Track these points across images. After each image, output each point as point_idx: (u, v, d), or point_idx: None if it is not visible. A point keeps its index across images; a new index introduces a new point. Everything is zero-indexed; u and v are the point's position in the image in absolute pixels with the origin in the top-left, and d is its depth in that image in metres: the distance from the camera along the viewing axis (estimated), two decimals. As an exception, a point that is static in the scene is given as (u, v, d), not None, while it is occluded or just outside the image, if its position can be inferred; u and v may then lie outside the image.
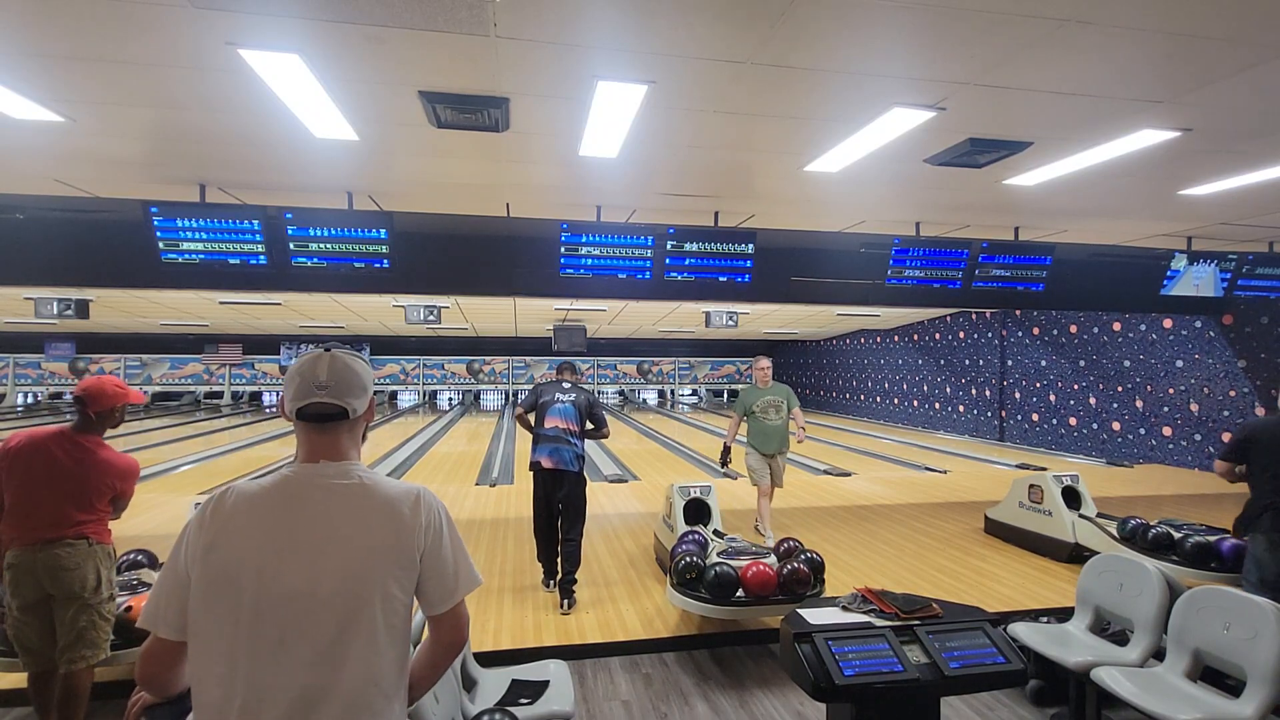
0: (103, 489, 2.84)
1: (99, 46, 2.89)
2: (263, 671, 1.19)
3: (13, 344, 21.07)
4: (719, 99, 3.46)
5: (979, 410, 14.16)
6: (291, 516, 1.27)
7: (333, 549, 1.25)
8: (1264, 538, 3.33)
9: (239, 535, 1.24)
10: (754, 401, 5.82)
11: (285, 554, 1.23)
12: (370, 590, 1.25)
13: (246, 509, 1.27)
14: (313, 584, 1.22)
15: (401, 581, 1.29)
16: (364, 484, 1.33)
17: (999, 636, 2.28)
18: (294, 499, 1.29)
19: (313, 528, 1.26)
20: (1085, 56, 3.00)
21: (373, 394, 1.45)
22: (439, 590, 1.35)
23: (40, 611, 2.76)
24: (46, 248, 5.30)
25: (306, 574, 1.23)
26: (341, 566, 1.24)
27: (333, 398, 1.34)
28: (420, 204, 5.54)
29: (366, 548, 1.27)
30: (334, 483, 1.31)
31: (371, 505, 1.31)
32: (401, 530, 1.31)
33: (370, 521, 1.29)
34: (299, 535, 1.25)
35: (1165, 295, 6.93)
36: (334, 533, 1.27)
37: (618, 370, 25.47)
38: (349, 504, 1.30)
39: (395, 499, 1.33)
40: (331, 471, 1.33)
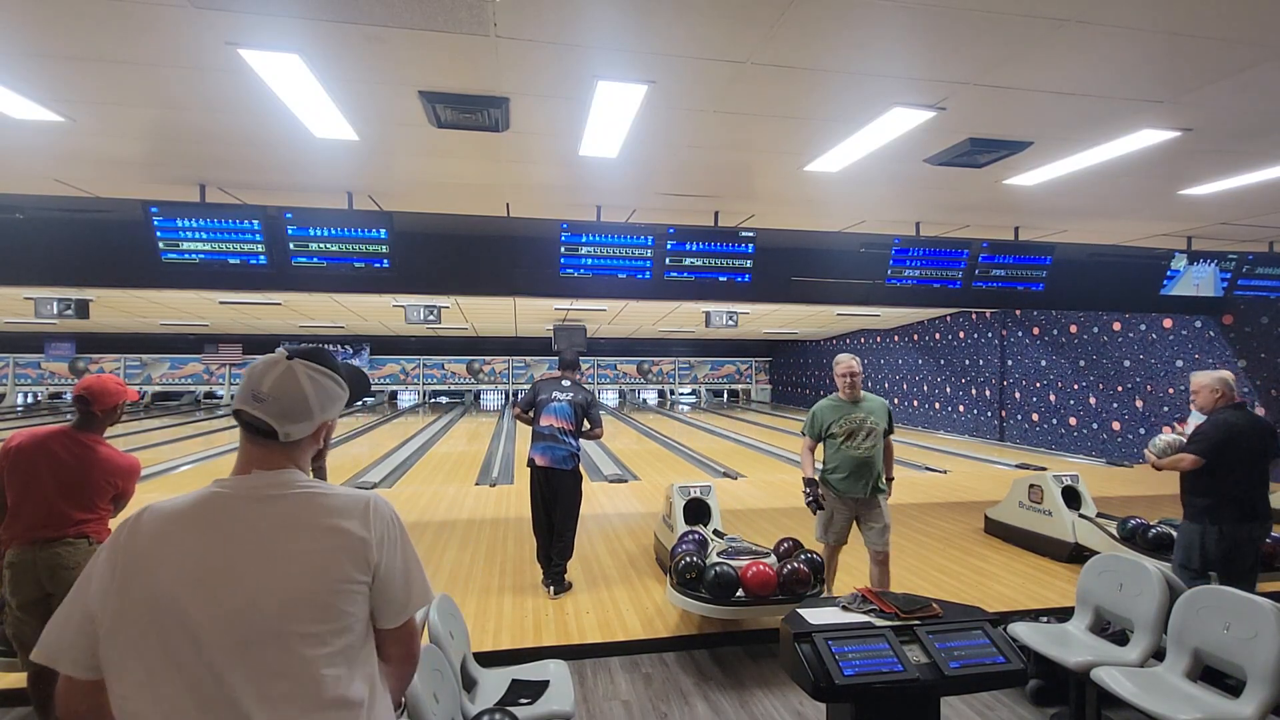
0: (104, 488, 2.84)
1: (99, 46, 2.89)
2: (214, 712, 1.05)
3: (13, 344, 21.07)
4: (719, 99, 3.46)
5: (979, 410, 14.16)
6: (221, 536, 1.11)
7: (274, 568, 1.11)
8: (1218, 528, 3.47)
9: (160, 563, 1.09)
10: (834, 421, 4.03)
11: (218, 580, 1.09)
12: (320, 611, 1.12)
13: (166, 532, 1.11)
14: (253, 609, 1.08)
15: (355, 599, 1.16)
16: (304, 494, 1.18)
17: (999, 636, 2.28)
18: (223, 516, 1.13)
19: (246, 547, 1.11)
20: (1085, 56, 3.00)
21: (327, 419, 1.26)
22: (390, 605, 1.22)
23: (40, 610, 2.75)
24: (46, 248, 5.30)
25: (246, 598, 1.08)
26: (284, 587, 1.10)
27: (266, 415, 1.18)
28: (420, 204, 5.54)
29: (312, 565, 1.13)
30: (268, 494, 1.17)
31: (313, 517, 1.17)
32: (350, 543, 1.16)
33: (314, 535, 1.15)
34: (232, 557, 1.10)
35: (1165, 295, 6.93)
36: (273, 550, 1.12)
37: (618, 370, 25.47)
38: (288, 518, 1.15)
39: (342, 509, 1.19)
40: (265, 483, 1.18)
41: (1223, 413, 3.60)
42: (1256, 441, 3.54)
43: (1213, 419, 3.62)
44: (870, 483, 3.99)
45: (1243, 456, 3.50)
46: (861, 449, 3.97)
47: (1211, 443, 3.52)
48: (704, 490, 5.11)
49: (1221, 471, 3.50)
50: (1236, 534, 3.47)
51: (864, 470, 3.98)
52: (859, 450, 3.97)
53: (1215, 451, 3.50)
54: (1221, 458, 3.50)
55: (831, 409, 4.10)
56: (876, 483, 4.01)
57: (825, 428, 4.09)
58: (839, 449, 4.02)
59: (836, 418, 4.05)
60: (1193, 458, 3.52)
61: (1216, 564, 3.49)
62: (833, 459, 4.08)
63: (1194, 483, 3.61)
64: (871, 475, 3.99)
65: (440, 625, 2.49)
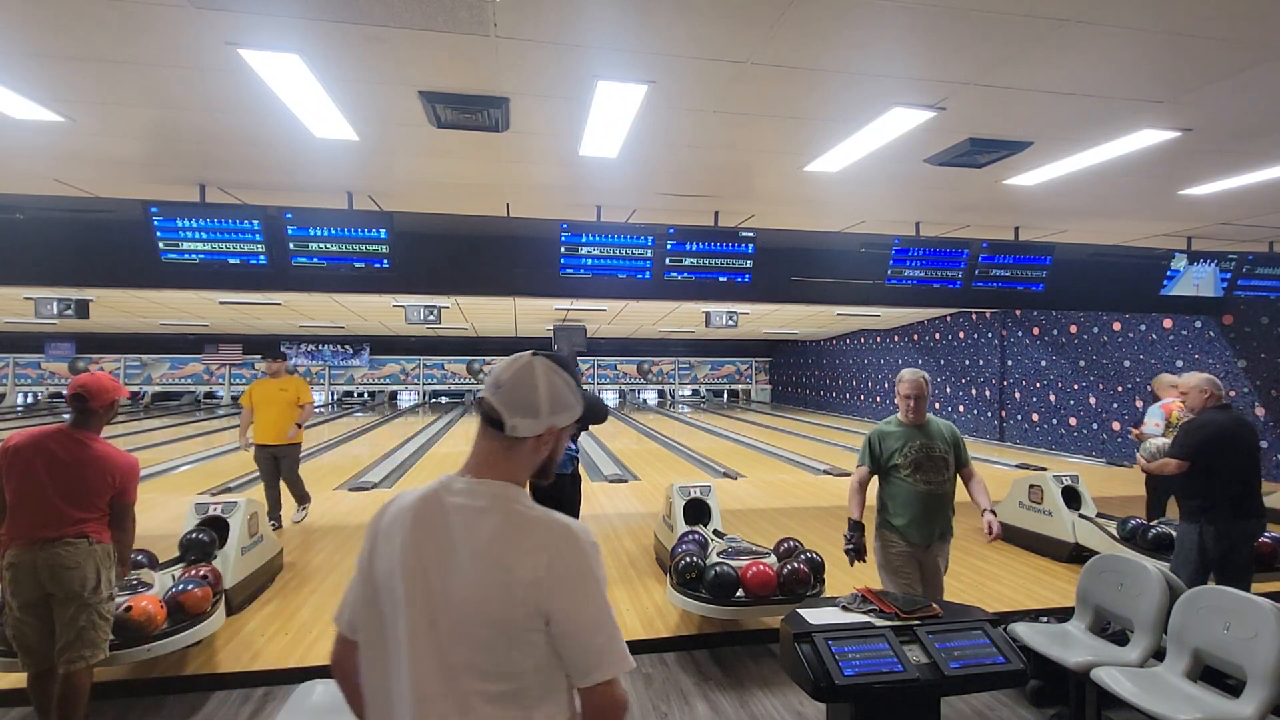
0: (102, 486, 2.83)
1: (99, 46, 2.89)
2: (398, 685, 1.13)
3: (13, 344, 21.07)
4: (719, 99, 3.46)
5: (979, 410, 14.16)
6: (431, 537, 1.17)
7: (450, 584, 1.14)
8: (1214, 528, 3.49)
9: (388, 549, 1.19)
10: (897, 450, 3.27)
11: (422, 574, 1.15)
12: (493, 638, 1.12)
13: (395, 522, 1.21)
14: (434, 614, 1.13)
15: (517, 638, 1.13)
16: (488, 510, 1.18)
17: (999, 636, 2.28)
18: (437, 518, 1.18)
19: (439, 548, 1.16)
20: (1085, 56, 3.00)
21: (554, 424, 1.24)
22: (574, 659, 1.15)
23: (40, 611, 2.75)
24: (46, 248, 5.30)
25: (440, 597, 1.14)
26: (455, 603, 1.13)
27: (499, 402, 1.21)
28: (420, 204, 5.54)
29: (485, 583, 1.13)
30: (478, 506, 1.18)
31: (487, 535, 1.16)
32: (515, 567, 1.13)
33: (485, 555, 1.14)
34: (434, 557, 1.16)
35: (1165, 295, 6.93)
36: (450, 566, 1.15)
37: (618, 370, 25.47)
38: (472, 532, 1.16)
39: (522, 533, 1.16)
40: (463, 488, 1.21)
41: (1207, 414, 3.64)
42: (1243, 440, 3.57)
43: (1195, 420, 3.66)
44: (941, 522, 3.25)
45: (1230, 456, 3.53)
46: (932, 484, 3.21)
47: (1194, 444, 3.58)
48: (704, 490, 5.11)
49: (1210, 471, 3.53)
50: (1232, 532, 3.49)
51: (936, 510, 3.22)
52: (930, 485, 3.20)
53: (1198, 453, 3.54)
54: (1207, 458, 3.53)
55: (893, 434, 3.31)
56: (945, 526, 3.28)
57: (887, 457, 3.28)
58: (904, 483, 3.23)
59: (899, 445, 3.25)
60: (1176, 461, 3.59)
61: (1215, 563, 3.51)
62: (895, 498, 3.26)
63: (1185, 484, 3.65)
64: (944, 517, 3.25)
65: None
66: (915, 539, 3.21)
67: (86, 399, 2.85)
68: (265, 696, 3.39)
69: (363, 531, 1.28)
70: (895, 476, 3.27)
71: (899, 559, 3.25)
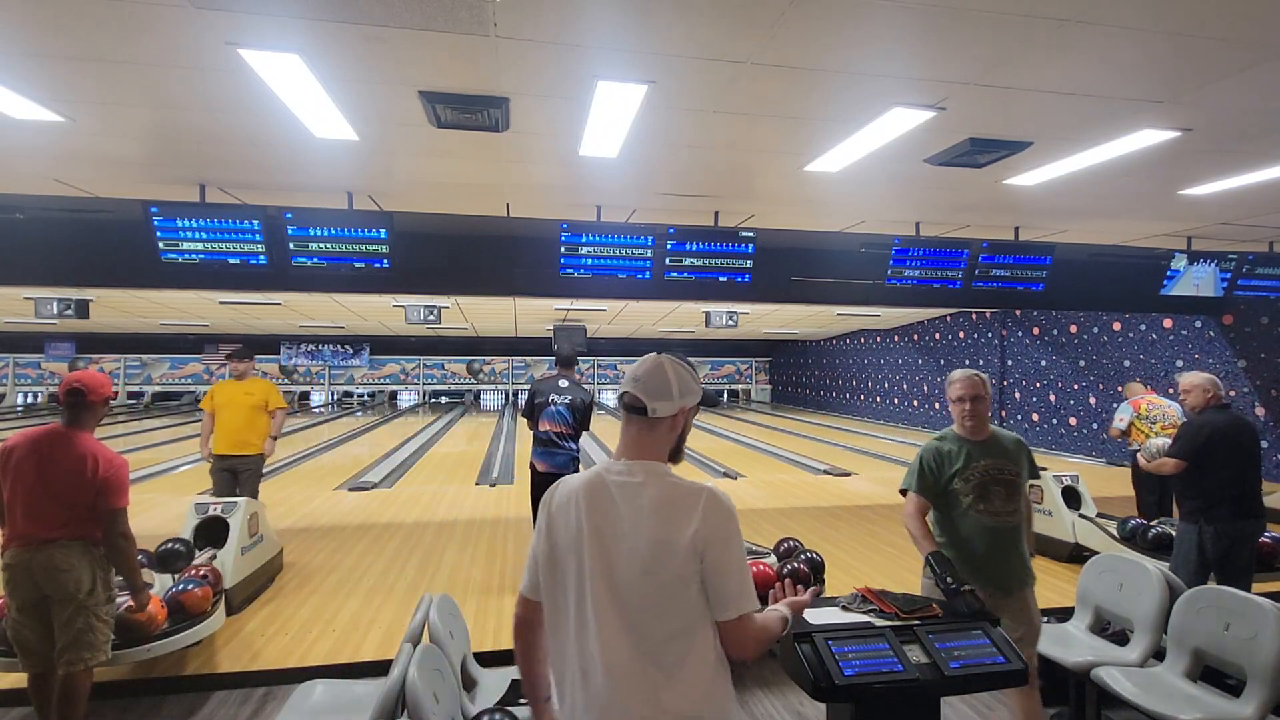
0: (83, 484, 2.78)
1: (99, 46, 2.89)
2: (579, 635, 1.39)
3: (13, 344, 21.07)
4: (719, 99, 3.46)
5: (979, 410, 14.15)
6: (599, 512, 1.43)
7: (623, 546, 1.39)
8: (1213, 528, 3.50)
9: (562, 524, 1.46)
10: (957, 471, 2.66)
11: (595, 542, 1.41)
12: (659, 587, 1.37)
13: (565, 502, 1.48)
14: (610, 577, 1.38)
15: (683, 580, 1.37)
16: (645, 485, 1.44)
17: (999, 636, 2.28)
18: (602, 496, 1.45)
19: (607, 521, 1.42)
20: (1085, 56, 3.00)
21: (684, 405, 1.51)
22: (717, 598, 1.40)
23: (38, 613, 2.75)
24: (46, 248, 5.30)
25: (606, 566, 1.39)
26: (626, 560, 1.38)
27: (640, 393, 1.48)
28: (420, 204, 5.54)
29: (652, 541, 1.38)
30: (621, 480, 1.45)
31: (648, 504, 1.42)
32: (677, 527, 1.39)
33: (650, 519, 1.40)
34: (604, 527, 1.42)
35: (1165, 295, 6.93)
36: (620, 528, 1.41)
37: (618, 370, 25.47)
38: (633, 502, 1.42)
39: (676, 500, 1.42)
40: (619, 471, 1.48)
41: (1206, 414, 3.64)
42: (1242, 440, 3.57)
43: (1195, 421, 3.66)
44: (1014, 566, 2.62)
45: (1228, 456, 3.53)
46: (1001, 516, 2.59)
47: (1192, 445, 3.58)
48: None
49: (1209, 471, 3.54)
50: (1231, 532, 3.49)
51: (1005, 547, 2.60)
52: (998, 517, 2.59)
53: (1196, 453, 3.54)
54: (1205, 458, 3.53)
55: (951, 452, 2.68)
56: (1025, 569, 2.64)
57: (945, 480, 2.66)
58: (965, 513, 2.61)
59: (959, 465, 2.64)
60: (1174, 461, 3.59)
61: (1215, 563, 3.52)
62: (955, 530, 2.65)
63: (1184, 484, 3.65)
64: (1016, 554, 2.63)
65: (440, 625, 2.49)
66: (980, 581, 2.46)
67: (84, 391, 2.85)
68: (265, 696, 3.39)
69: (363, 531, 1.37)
70: (953, 504, 2.63)
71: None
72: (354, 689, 2.57)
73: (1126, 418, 6.03)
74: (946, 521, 2.68)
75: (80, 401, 2.86)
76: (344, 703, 2.47)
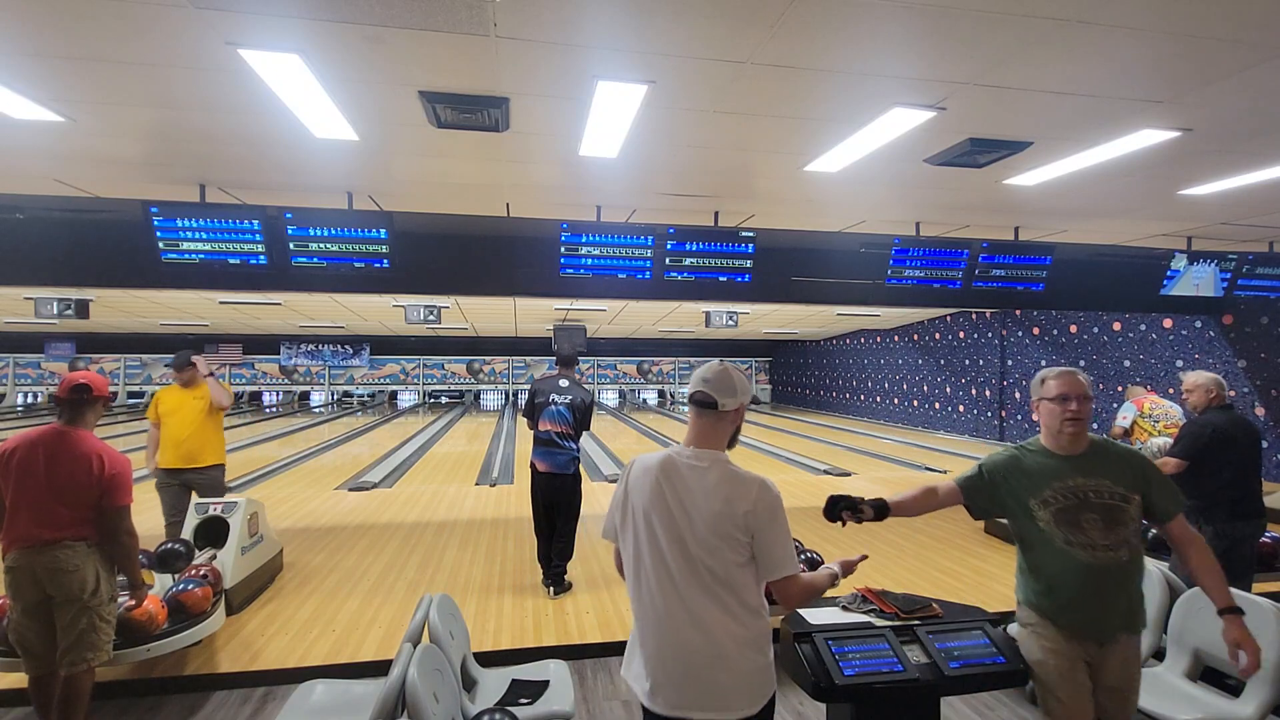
0: (88, 483, 2.79)
1: (99, 46, 2.89)
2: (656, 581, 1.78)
3: (13, 344, 21.07)
4: (719, 99, 3.46)
5: (979, 410, 14.16)
6: (671, 486, 1.81)
7: (693, 516, 1.77)
8: (1213, 528, 3.50)
9: (639, 494, 1.85)
10: (1039, 491, 2.19)
11: (669, 511, 1.79)
12: (722, 550, 1.74)
13: (641, 475, 1.87)
14: (675, 541, 1.77)
15: (740, 547, 1.75)
16: (710, 469, 1.81)
17: (999, 636, 2.28)
18: (673, 473, 1.82)
19: (684, 495, 1.79)
20: (1085, 56, 3.00)
21: (742, 402, 1.88)
22: (765, 562, 1.77)
23: (41, 614, 2.75)
24: (46, 248, 5.30)
25: (671, 531, 1.78)
26: (681, 528, 1.77)
27: (711, 390, 1.84)
28: (420, 204, 5.54)
29: (708, 518, 1.75)
30: (700, 466, 1.82)
31: (713, 484, 1.78)
32: (735, 511, 1.74)
33: (714, 496, 1.76)
34: (675, 499, 1.79)
35: (1165, 295, 6.92)
36: (691, 501, 1.78)
37: (618, 370, 25.47)
38: (702, 482, 1.79)
39: (737, 484, 1.78)
40: (689, 456, 1.84)
41: (1208, 414, 3.64)
42: (1243, 441, 3.57)
43: (1197, 421, 3.66)
44: (1121, 614, 2.10)
45: (1230, 456, 3.53)
46: (1098, 548, 2.06)
47: (1194, 445, 3.58)
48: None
49: (1209, 472, 3.53)
50: (1231, 533, 3.49)
51: (1108, 590, 2.08)
52: (1095, 551, 2.07)
53: (1198, 453, 3.54)
54: (1206, 459, 3.53)
55: (1030, 469, 2.20)
56: (1132, 614, 2.12)
57: (1020, 500, 2.18)
58: (1048, 544, 2.13)
59: (1038, 484, 2.16)
60: (1176, 461, 3.58)
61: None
62: (1039, 567, 2.17)
63: (1183, 485, 3.62)
64: (1126, 600, 2.10)
65: (440, 625, 2.49)
66: (1077, 628, 2.09)
67: (89, 386, 2.88)
68: (265, 696, 3.39)
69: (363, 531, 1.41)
70: (1032, 532, 2.17)
71: (1056, 659, 2.09)
72: (354, 689, 2.57)
73: (1130, 416, 6.05)
74: (1029, 549, 2.20)
75: (85, 398, 2.88)
76: (344, 703, 2.48)
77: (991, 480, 2.27)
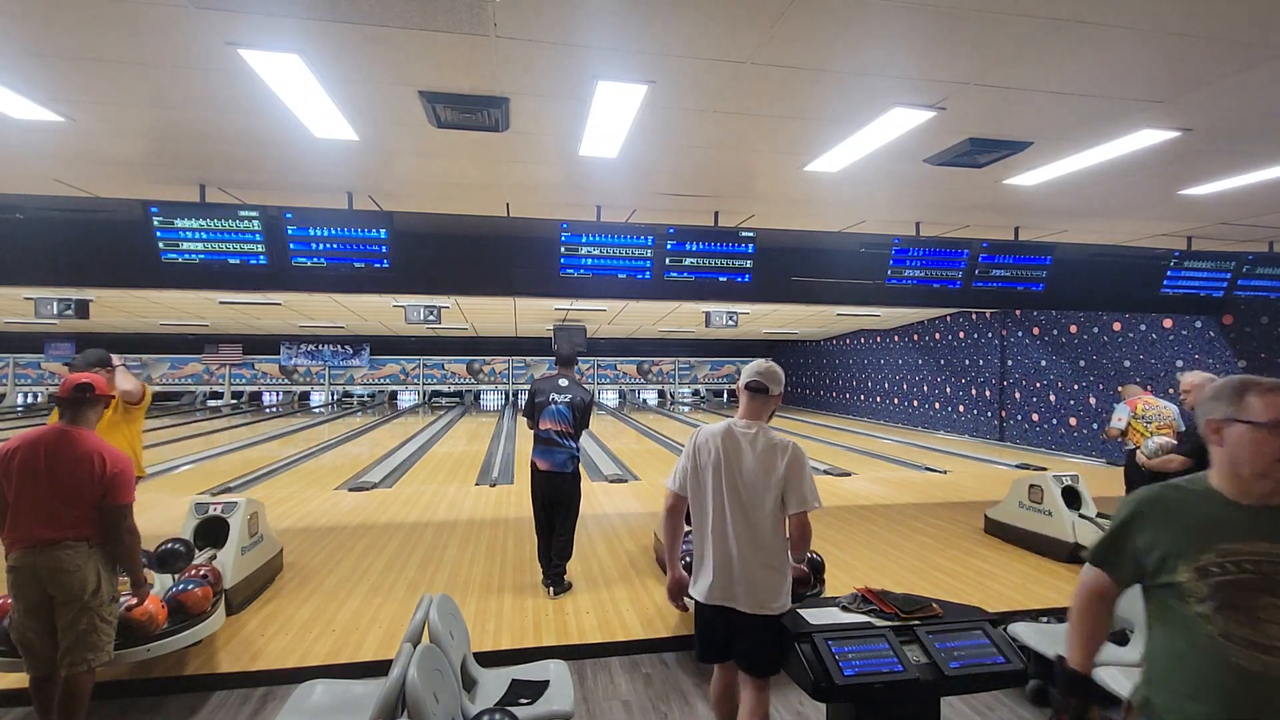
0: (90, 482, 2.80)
1: (99, 46, 2.89)
2: (718, 523, 2.48)
3: (13, 344, 21.07)
4: (719, 99, 3.46)
5: (979, 410, 14.16)
6: (733, 448, 2.50)
7: (739, 470, 2.47)
8: None
9: (706, 453, 2.53)
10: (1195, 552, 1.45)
11: (728, 466, 2.48)
12: (763, 494, 2.44)
13: (709, 439, 2.54)
14: (741, 482, 2.46)
15: (774, 491, 2.43)
16: (758, 435, 2.50)
17: (999, 636, 2.28)
18: (731, 439, 2.52)
19: (741, 455, 2.48)
20: (1085, 56, 3.00)
21: (781, 391, 2.62)
22: (790, 500, 2.42)
23: (42, 614, 2.75)
24: (46, 248, 5.29)
25: (739, 478, 2.47)
26: (737, 477, 2.47)
27: (765, 380, 2.58)
28: (420, 204, 5.54)
29: (757, 470, 2.45)
30: (751, 434, 2.51)
31: (760, 447, 2.47)
32: (777, 464, 2.43)
33: (766, 457, 2.46)
34: (734, 458, 2.48)
35: (1165, 295, 6.93)
36: (743, 458, 2.47)
37: (618, 370, 25.46)
38: (752, 445, 2.49)
39: (775, 446, 2.47)
40: (743, 425, 2.54)
41: None
42: None
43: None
44: None
45: None
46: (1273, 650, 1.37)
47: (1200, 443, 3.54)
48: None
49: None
50: None
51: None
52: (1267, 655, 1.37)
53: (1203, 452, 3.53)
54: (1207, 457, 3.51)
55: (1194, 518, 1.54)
56: None
57: (1165, 558, 1.51)
58: (1191, 629, 1.46)
59: (1206, 542, 1.48)
60: (1181, 459, 3.56)
61: None
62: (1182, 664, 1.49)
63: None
64: None
65: (440, 625, 2.49)
66: None
67: (92, 385, 2.90)
68: (265, 696, 3.39)
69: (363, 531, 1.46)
70: (1171, 608, 1.50)
71: None
72: (354, 689, 2.57)
73: (1124, 418, 6.09)
74: (1168, 634, 1.51)
75: (87, 397, 2.88)
76: (344, 703, 2.48)
77: (1146, 545, 1.53)
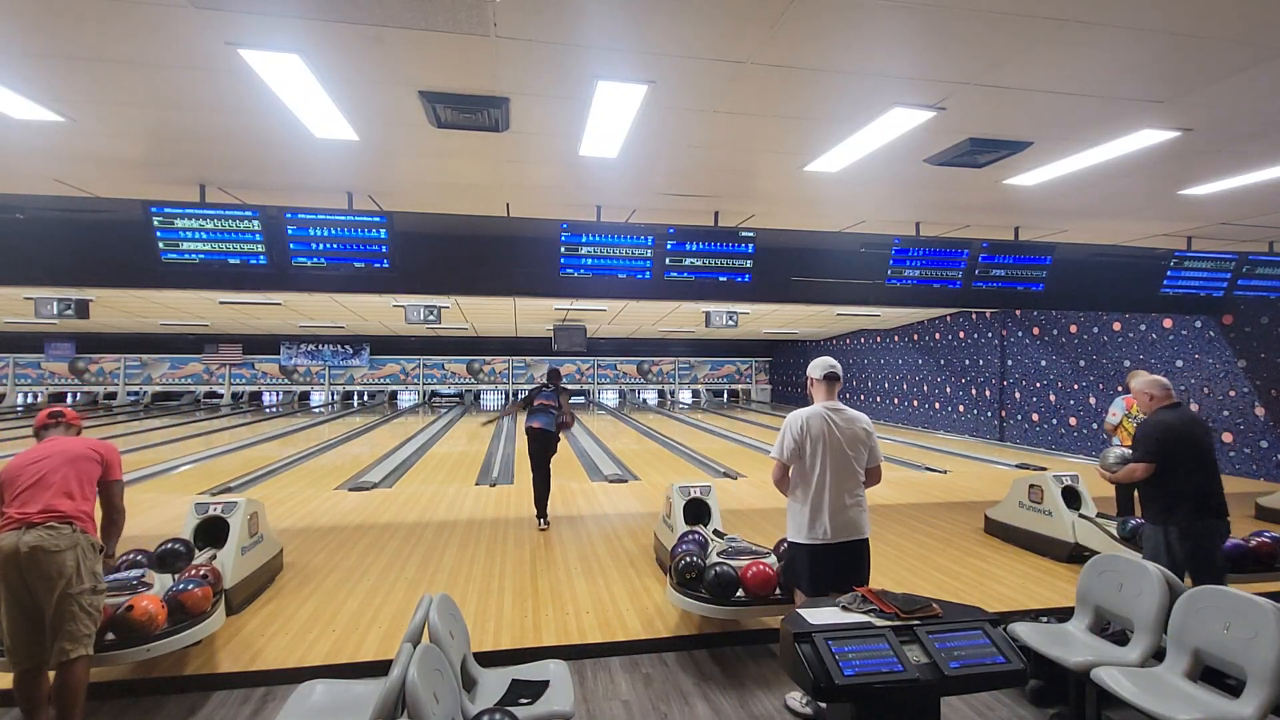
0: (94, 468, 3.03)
1: (99, 46, 2.89)
2: (820, 480, 3.14)
3: (13, 344, 21.07)
4: (719, 99, 3.46)
5: (979, 410, 14.16)
6: (830, 423, 3.16)
7: (838, 439, 3.15)
8: (1177, 528, 3.47)
9: (811, 426, 3.16)
10: None
11: (830, 435, 3.14)
12: (850, 458, 3.16)
13: (811, 418, 3.17)
14: (839, 446, 3.14)
15: (859, 453, 3.19)
16: (844, 412, 3.21)
17: (999, 636, 2.28)
18: (824, 418, 3.16)
19: (834, 428, 3.16)
20: (1085, 56, 3.00)
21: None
22: (869, 459, 3.24)
23: (25, 605, 2.75)
24: (46, 248, 5.30)
25: (836, 444, 3.14)
26: (838, 444, 3.15)
27: (838, 370, 3.27)
28: (420, 204, 5.54)
29: (849, 437, 3.17)
30: (840, 410, 3.20)
31: (849, 421, 3.19)
32: (859, 432, 3.20)
33: (850, 427, 3.19)
34: (831, 430, 3.15)
35: (1165, 295, 6.93)
36: (837, 431, 3.16)
37: (618, 370, 25.46)
38: (841, 420, 3.19)
39: (855, 419, 3.21)
40: (832, 405, 3.20)
41: (1158, 414, 3.63)
42: (1197, 436, 3.55)
43: (1148, 422, 3.64)
44: None
45: (1186, 453, 3.51)
46: None
47: (1153, 445, 3.55)
48: (704, 490, 5.11)
49: (1168, 471, 3.51)
50: (1196, 530, 3.46)
51: None
52: None
53: (1157, 454, 3.52)
54: (1165, 458, 3.51)
55: None
56: None
57: None
58: None
59: None
60: (1142, 465, 3.55)
61: (1185, 563, 3.47)
62: None
63: (1145, 486, 3.63)
64: None
65: (440, 625, 2.49)
66: None
67: (63, 412, 3.25)
68: (265, 696, 3.39)
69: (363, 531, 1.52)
70: None
71: None
72: (354, 689, 2.57)
73: (1119, 414, 6.00)
74: None
75: (59, 421, 3.20)
76: (344, 703, 2.47)
77: None
